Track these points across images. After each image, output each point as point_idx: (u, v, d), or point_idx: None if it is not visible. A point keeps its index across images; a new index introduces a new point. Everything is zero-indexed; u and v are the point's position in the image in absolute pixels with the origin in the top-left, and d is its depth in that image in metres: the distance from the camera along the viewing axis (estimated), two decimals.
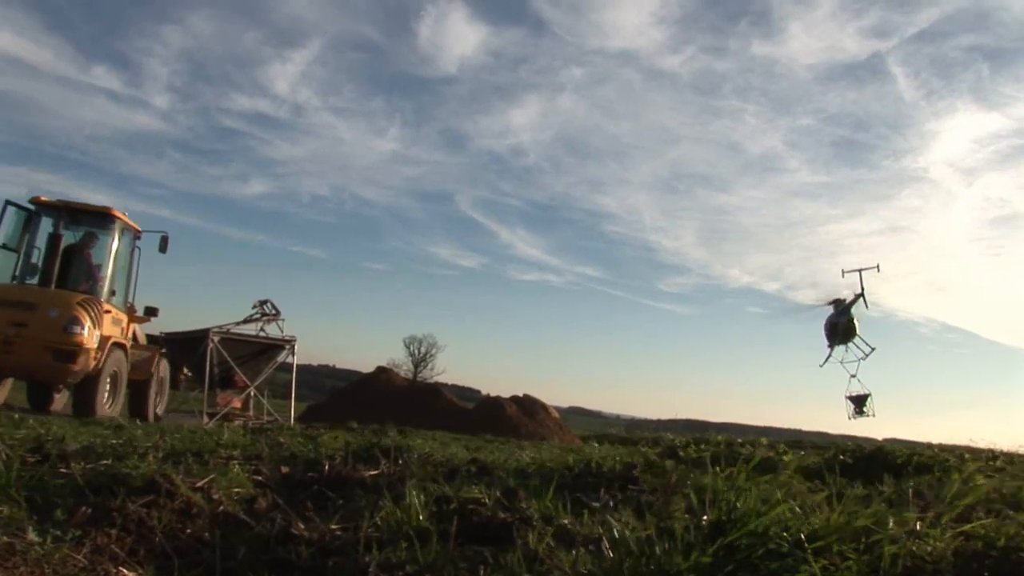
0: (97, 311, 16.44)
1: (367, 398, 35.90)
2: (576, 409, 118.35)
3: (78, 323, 15.82)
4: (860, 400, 27.30)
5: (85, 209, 18.14)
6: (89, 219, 18.16)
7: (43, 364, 15.92)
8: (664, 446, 7.99)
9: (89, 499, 3.48)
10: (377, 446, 6.57)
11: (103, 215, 17.96)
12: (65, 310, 15.98)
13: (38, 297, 16.32)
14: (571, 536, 3.27)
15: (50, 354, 15.77)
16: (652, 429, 52.69)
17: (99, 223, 18.11)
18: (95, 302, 16.59)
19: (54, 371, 16.17)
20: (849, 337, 26.84)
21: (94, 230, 18.15)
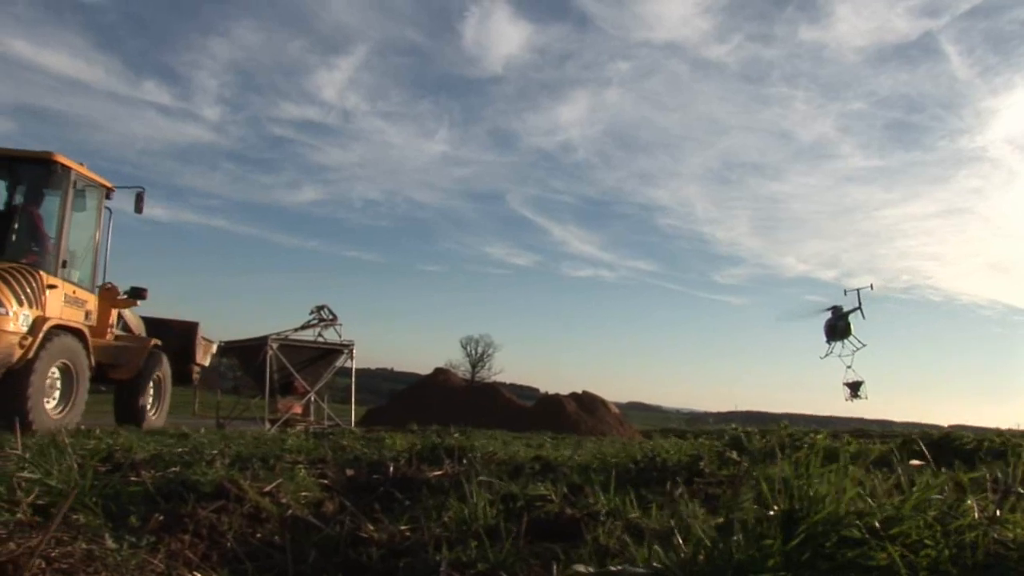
0: (31, 284, 13.13)
1: (426, 399, 36.08)
2: (635, 404, 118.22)
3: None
4: (855, 386, 33.00)
5: (19, 156, 14.36)
6: (28, 169, 14.49)
7: None
8: (727, 438, 7.91)
9: (161, 506, 3.52)
10: (441, 446, 6.59)
11: (44, 163, 14.19)
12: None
13: None
14: (641, 530, 3.25)
15: None
16: (712, 422, 52.44)
17: (42, 175, 14.43)
18: (25, 273, 13.16)
19: None
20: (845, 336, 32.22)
21: (38, 184, 14.60)
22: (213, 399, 25.67)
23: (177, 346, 18.92)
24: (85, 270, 15.23)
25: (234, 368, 24.47)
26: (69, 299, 14.29)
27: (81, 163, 14.76)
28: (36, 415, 12.84)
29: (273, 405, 19.95)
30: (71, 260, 14.58)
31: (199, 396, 33.54)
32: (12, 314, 12.57)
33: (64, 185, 14.36)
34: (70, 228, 14.38)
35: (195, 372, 20.12)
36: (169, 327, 19.37)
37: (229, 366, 24.79)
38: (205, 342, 20.11)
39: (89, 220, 15.44)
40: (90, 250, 15.48)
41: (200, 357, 19.90)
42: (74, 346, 14.00)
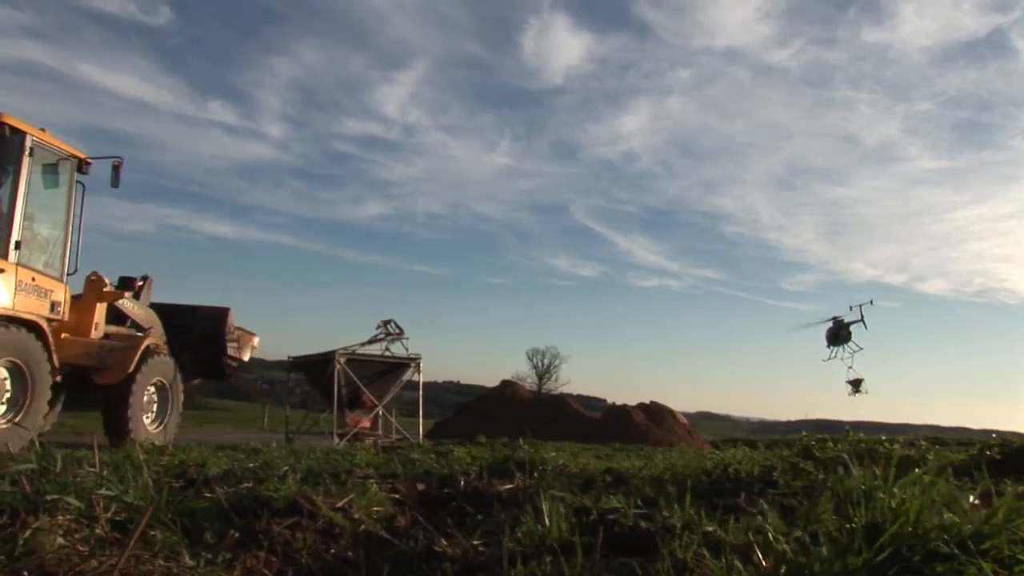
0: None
1: (493, 412, 36.09)
2: (703, 414, 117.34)
3: None
4: (856, 383, 37.74)
5: None
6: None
7: None
8: (799, 447, 7.78)
9: (235, 522, 3.53)
10: (511, 459, 6.56)
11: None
12: None
13: None
14: (717, 543, 3.19)
15: None
16: (782, 431, 51.84)
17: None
18: None
19: None
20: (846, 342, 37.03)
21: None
22: (282, 414, 25.92)
23: (204, 335, 17.59)
24: (52, 255, 13.05)
25: (302, 383, 24.67)
26: (25, 287, 12.07)
27: (42, 128, 12.78)
28: None
29: (341, 419, 20.06)
30: (31, 241, 12.49)
31: (268, 411, 33.90)
32: None
33: (17, 153, 12.12)
34: (26, 203, 12.19)
35: (229, 365, 18.37)
36: (195, 314, 17.97)
37: (297, 381, 25.00)
38: (244, 334, 18.67)
39: (58, 196, 13.32)
40: (59, 232, 13.30)
41: (235, 349, 18.25)
42: (27, 342, 11.76)
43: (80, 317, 13.92)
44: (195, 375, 18.18)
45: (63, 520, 3.10)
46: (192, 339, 17.33)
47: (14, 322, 11.64)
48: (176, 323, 17.09)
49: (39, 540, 2.76)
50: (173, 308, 17.54)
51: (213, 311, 18.06)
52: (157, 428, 14.88)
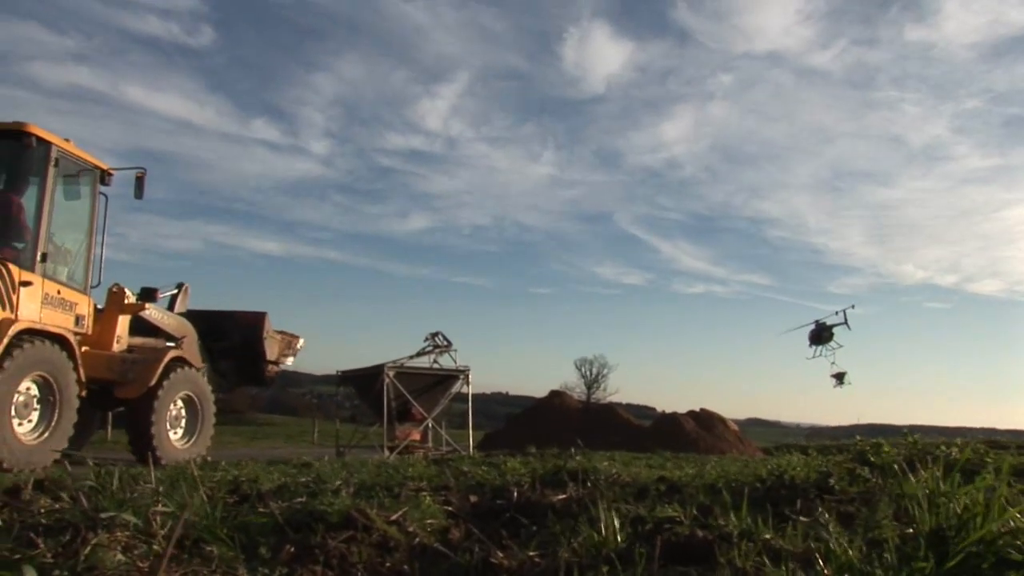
0: None
1: (542, 422, 35.94)
2: (753, 420, 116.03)
3: None
4: (840, 376, 41.96)
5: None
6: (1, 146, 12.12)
7: None
8: (854, 452, 7.67)
9: (290, 537, 3.54)
10: (563, 470, 6.54)
11: (15, 136, 11.86)
12: None
13: None
14: (776, 551, 3.14)
15: None
16: (834, 436, 51.29)
17: (14, 151, 12.04)
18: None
19: None
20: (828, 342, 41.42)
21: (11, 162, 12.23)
22: (332, 428, 26.01)
23: (241, 341, 17.33)
24: (76, 267, 12.92)
25: (351, 397, 24.76)
26: (51, 300, 12.02)
27: (67, 139, 12.65)
28: (3, 440, 10.72)
29: (391, 432, 20.08)
30: (56, 254, 12.40)
31: (317, 425, 34.04)
32: None
33: (43, 164, 12.07)
34: (51, 214, 12.13)
35: (268, 371, 17.96)
36: (232, 320, 17.65)
37: (347, 395, 25.09)
38: (284, 336, 18.39)
39: (81, 208, 13.22)
40: (83, 244, 13.16)
41: (274, 353, 17.92)
42: (55, 356, 11.65)
43: (102, 330, 13.76)
44: (236, 382, 18.21)
45: (121, 536, 3.11)
46: (230, 346, 17.21)
47: (41, 336, 11.56)
48: (213, 330, 16.96)
49: (99, 556, 2.77)
50: (210, 315, 17.40)
51: (249, 316, 17.84)
52: (186, 443, 14.58)
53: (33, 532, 3.16)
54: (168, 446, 13.94)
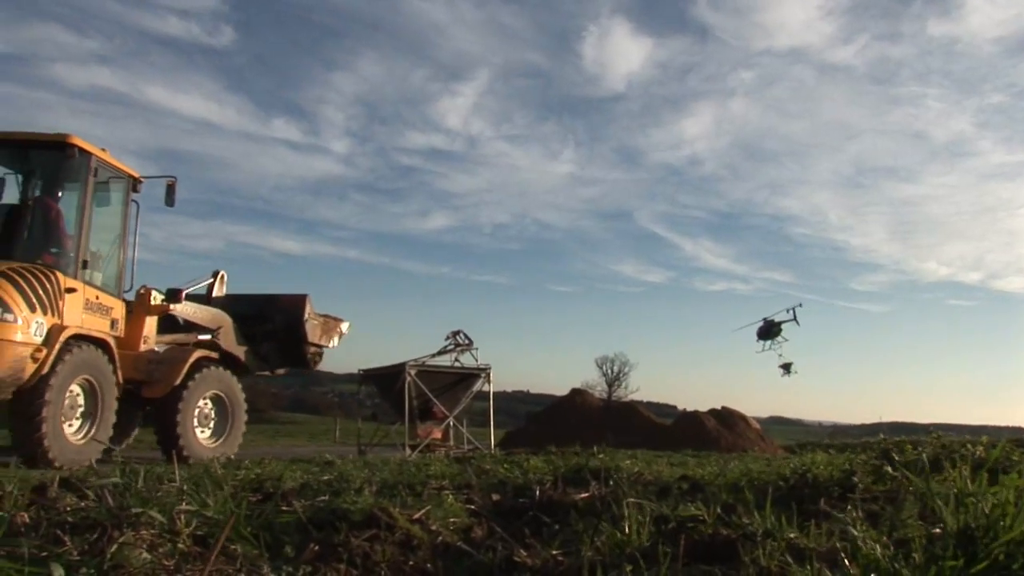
0: (45, 288, 11.45)
1: (563, 421, 35.94)
2: (775, 418, 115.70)
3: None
4: (787, 366, 44.47)
5: (31, 141, 12.62)
6: (42, 156, 12.77)
7: None
8: (877, 450, 7.63)
9: (313, 535, 3.54)
10: (585, 468, 6.53)
11: (59, 147, 12.35)
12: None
13: None
14: (801, 550, 3.12)
15: None
16: (856, 435, 51.17)
17: (57, 161, 12.52)
18: (39, 273, 11.46)
19: None
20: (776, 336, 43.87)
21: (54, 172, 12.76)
22: (354, 426, 26.07)
23: (284, 324, 17.46)
24: (110, 272, 13.46)
25: (373, 395, 24.79)
26: (91, 305, 12.53)
27: (103, 148, 13.15)
28: (53, 441, 11.30)
29: (413, 431, 20.09)
30: (94, 260, 12.90)
31: (339, 423, 34.13)
32: (22, 321, 10.94)
33: (83, 173, 12.61)
34: (91, 222, 12.70)
35: (311, 353, 18.10)
36: (274, 303, 17.83)
37: (368, 393, 25.13)
38: (327, 320, 18.49)
39: (115, 215, 13.69)
40: (116, 250, 13.63)
41: (316, 336, 17.99)
42: (98, 359, 12.31)
43: (130, 331, 13.99)
44: (279, 365, 18.31)
45: (146, 534, 3.12)
46: (273, 329, 17.41)
47: (86, 340, 12.11)
48: (256, 313, 17.31)
49: (125, 555, 2.78)
50: (252, 298, 17.80)
51: (292, 299, 17.93)
52: (215, 442, 14.83)
53: (60, 530, 3.18)
54: (195, 444, 14.22)
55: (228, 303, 17.17)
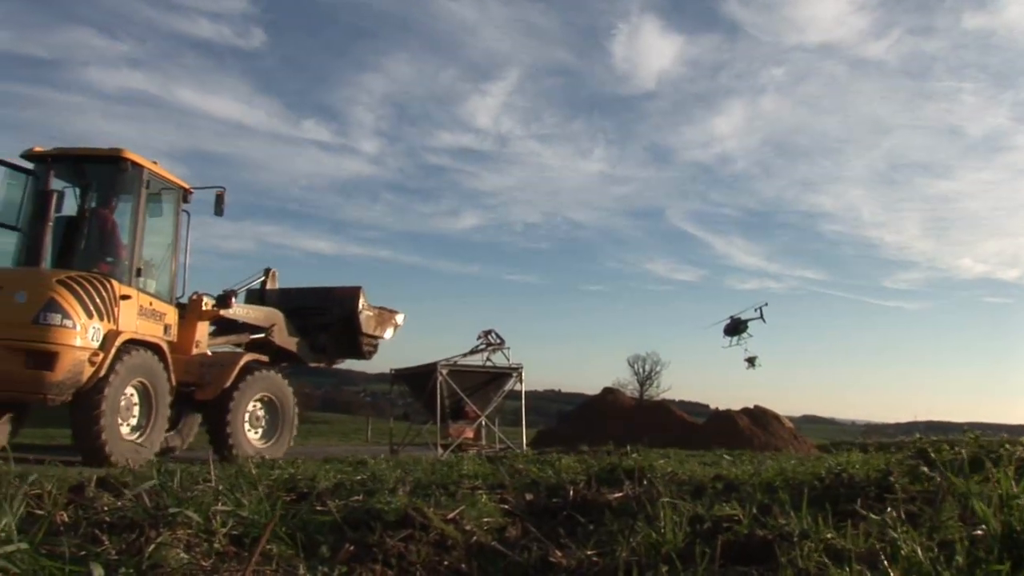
0: (101, 295, 12.00)
1: (595, 420, 35.81)
2: (808, 417, 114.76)
3: (55, 309, 11.36)
4: (751, 359, 45.37)
5: (87, 156, 13.37)
6: (97, 170, 13.47)
7: (8, 373, 11.35)
8: (913, 449, 7.54)
9: (348, 535, 3.55)
10: (619, 468, 6.50)
11: (114, 162, 13.04)
12: (36, 292, 11.47)
13: (3, 278, 11.88)
14: (838, 552, 3.09)
15: (19, 358, 11.31)
16: (890, 434, 50.64)
17: (112, 174, 13.22)
18: (95, 281, 12.01)
19: (24, 382, 11.49)
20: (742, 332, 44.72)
21: (108, 185, 13.41)
22: (385, 425, 26.08)
23: (339, 316, 17.96)
24: (163, 280, 14.05)
25: (405, 395, 24.79)
26: (145, 311, 13.16)
27: (155, 161, 13.75)
28: (110, 440, 11.90)
29: (445, 430, 20.07)
30: (147, 269, 13.54)
31: (371, 423, 34.25)
32: (80, 327, 11.54)
33: (136, 185, 13.22)
34: (144, 232, 13.36)
35: (366, 344, 18.62)
36: (330, 296, 18.30)
37: (400, 393, 25.13)
38: (382, 311, 18.97)
39: (166, 224, 14.32)
40: (168, 258, 14.24)
41: (371, 327, 18.44)
42: (151, 363, 12.88)
43: (183, 336, 14.51)
44: (335, 356, 18.87)
45: (183, 534, 3.14)
46: (328, 321, 17.87)
47: (140, 345, 12.68)
48: (311, 306, 17.86)
49: (163, 554, 2.80)
50: (308, 291, 18.48)
51: (346, 291, 18.36)
52: (266, 443, 15.17)
53: (98, 529, 3.20)
54: (246, 445, 14.59)
55: (282, 297, 17.97)
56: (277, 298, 17.96)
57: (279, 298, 17.99)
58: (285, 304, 17.55)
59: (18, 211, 12.83)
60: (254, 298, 17.69)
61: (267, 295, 17.91)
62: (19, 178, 13.04)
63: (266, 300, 17.73)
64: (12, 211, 12.81)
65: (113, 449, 11.88)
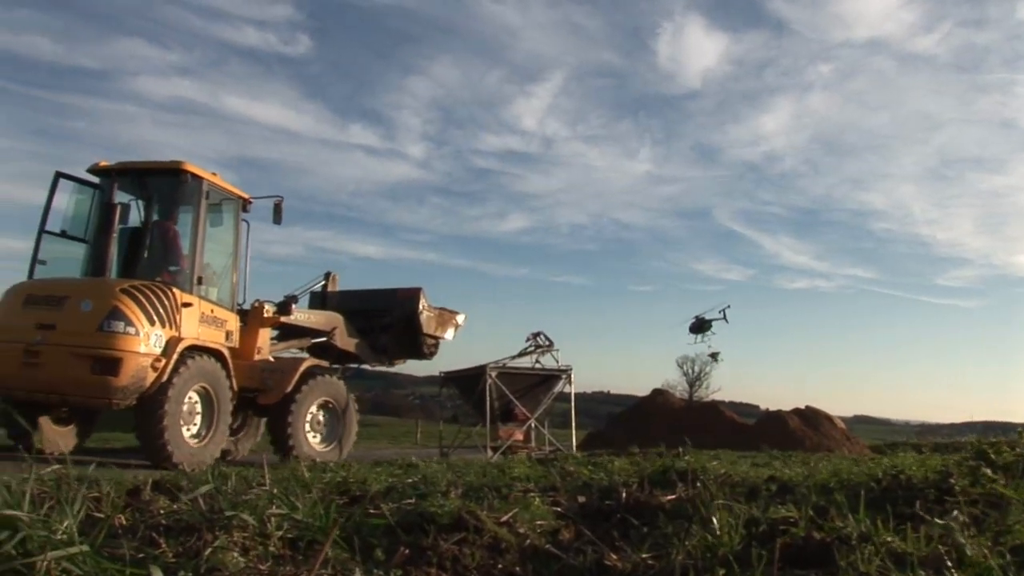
0: (163, 303, 12.56)
1: (645, 421, 35.64)
2: (860, 418, 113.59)
3: (119, 317, 11.90)
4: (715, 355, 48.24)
5: (148, 169, 14.00)
6: (158, 182, 14.02)
7: (75, 378, 11.88)
8: (972, 450, 7.41)
9: (401, 538, 3.55)
10: (672, 469, 6.46)
11: (174, 174, 13.60)
12: (101, 301, 12.03)
13: (70, 288, 12.52)
14: (899, 555, 3.03)
15: (85, 364, 11.83)
16: (945, 434, 49.92)
17: (172, 186, 13.80)
18: (157, 290, 12.57)
19: (90, 387, 12.03)
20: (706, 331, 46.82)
21: (169, 196, 13.97)
22: (434, 428, 26.18)
23: (401, 317, 18.41)
24: (224, 288, 14.59)
25: (454, 397, 24.86)
26: (207, 318, 13.67)
27: (214, 172, 14.23)
28: (173, 444, 12.39)
29: (494, 433, 20.09)
30: (208, 277, 14.06)
31: (420, 425, 34.36)
32: (143, 334, 12.06)
33: (196, 196, 13.75)
34: (204, 242, 13.86)
35: (426, 344, 19.13)
36: (392, 297, 18.76)
37: (449, 395, 25.21)
38: (445, 312, 19.44)
39: (226, 234, 14.87)
40: (229, 266, 14.80)
41: (431, 328, 18.87)
42: (213, 368, 13.39)
43: (244, 342, 15.03)
44: (396, 356, 19.33)
45: (238, 537, 3.16)
46: (389, 321, 18.30)
47: (202, 351, 13.21)
48: (373, 308, 18.41)
49: (220, 557, 2.82)
50: (370, 293, 19.12)
51: (407, 292, 18.78)
52: (327, 447, 15.63)
53: (155, 532, 3.23)
54: (307, 448, 15.01)
55: (344, 299, 18.62)
56: (339, 301, 18.49)
57: (340, 300, 18.55)
58: (347, 306, 18.09)
59: (86, 224, 13.59)
60: (316, 301, 18.19)
61: (328, 298, 18.43)
62: (87, 192, 13.75)
63: (327, 303, 18.21)
64: (80, 224, 13.59)
65: (176, 452, 12.38)
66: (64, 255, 13.58)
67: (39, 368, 11.96)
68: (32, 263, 13.29)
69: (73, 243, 13.63)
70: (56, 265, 13.42)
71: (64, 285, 12.74)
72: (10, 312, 12.54)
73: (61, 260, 13.51)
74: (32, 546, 2.61)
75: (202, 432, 13.33)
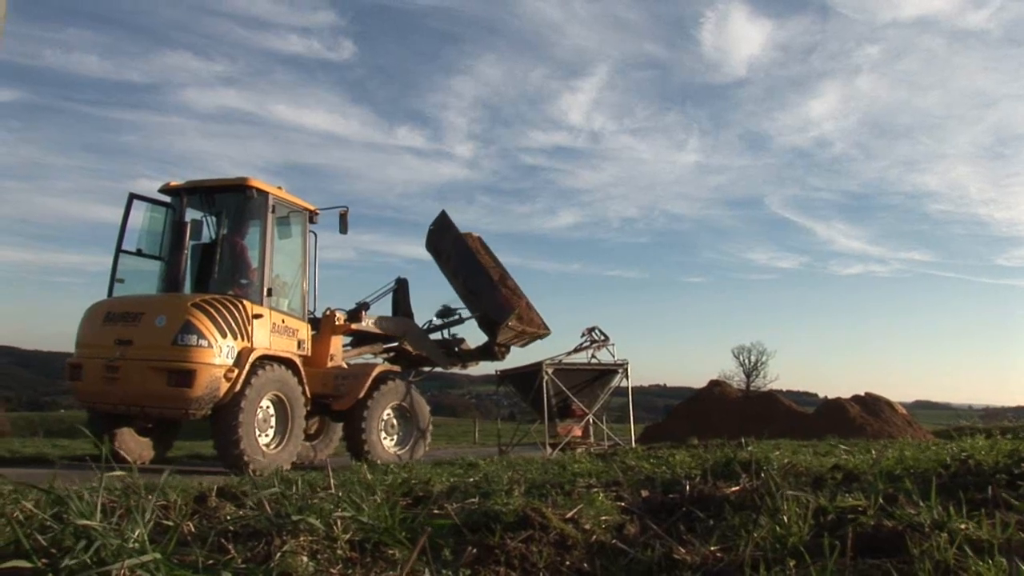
0: (234, 315, 13.04)
1: (702, 413, 35.49)
2: (921, 403, 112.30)
3: (192, 331, 12.42)
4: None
5: (215, 186, 14.35)
6: (225, 198, 14.42)
7: (152, 391, 12.48)
8: None
9: (468, 538, 3.55)
10: (735, 460, 6.40)
11: (240, 189, 14.07)
12: (174, 316, 12.56)
13: (145, 305, 13.10)
14: (975, 542, 2.97)
15: (161, 377, 12.41)
16: (1012, 418, 49.15)
17: (239, 202, 14.23)
18: (227, 303, 13.06)
19: (167, 399, 12.58)
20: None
21: (236, 212, 14.39)
22: (491, 427, 26.24)
23: (490, 319, 18.91)
24: (294, 298, 14.90)
25: (510, 395, 24.89)
26: (278, 328, 14.00)
27: (279, 187, 14.68)
28: (249, 451, 12.81)
29: (553, 429, 20.08)
30: (278, 288, 14.45)
31: (478, 424, 34.54)
32: (215, 346, 12.56)
33: (262, 210, 14.18)
34: (273, 254, 14.20)
35: (500, 351, 19.83)
36: (493, 297, 18.96)
37: (505, 393, 25.24)
38: (525, 331, 19.78)
39: (295, 245, 15.23)
40: (298, 276, 15.13)
41: (508, 337, 19.38)
42: (285, 377, 13.76)
43: (317, 350, 15.48)
44: (469, 359, 20.07)
45: (305, 541, 3.18)
46: (485, 318, 18.99)
47: (273, 360, 13.65)
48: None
49: (289, 562, 2.84)
50: (476, 272, 19.47)
51: (507, 300, 19.14)
52: (400, 449, 16.16)
53: (223, 538, 3.26)
54: (382, 452, 15.48)
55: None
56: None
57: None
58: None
59: (160, 242, 14.28)
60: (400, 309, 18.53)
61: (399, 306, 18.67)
62: (160, 211, 14.42)
63: (398, 311, 18.54)
64: (155, 242, 14.30)
65: (252, 459, 12.76)
66: (141, 272, 14.20)
67: (118, 382, 12.59)
68: (111, 281, 13.88)
69: (149, 260, 14.28)
70: (133, 282, 14.03)
71: (140, 302, 13.29)
72: (92, 329, 13.17)
73: (138, 277, 14.13)
74: (106, 554, 2.64)
75: (277, 439, 13.73)
